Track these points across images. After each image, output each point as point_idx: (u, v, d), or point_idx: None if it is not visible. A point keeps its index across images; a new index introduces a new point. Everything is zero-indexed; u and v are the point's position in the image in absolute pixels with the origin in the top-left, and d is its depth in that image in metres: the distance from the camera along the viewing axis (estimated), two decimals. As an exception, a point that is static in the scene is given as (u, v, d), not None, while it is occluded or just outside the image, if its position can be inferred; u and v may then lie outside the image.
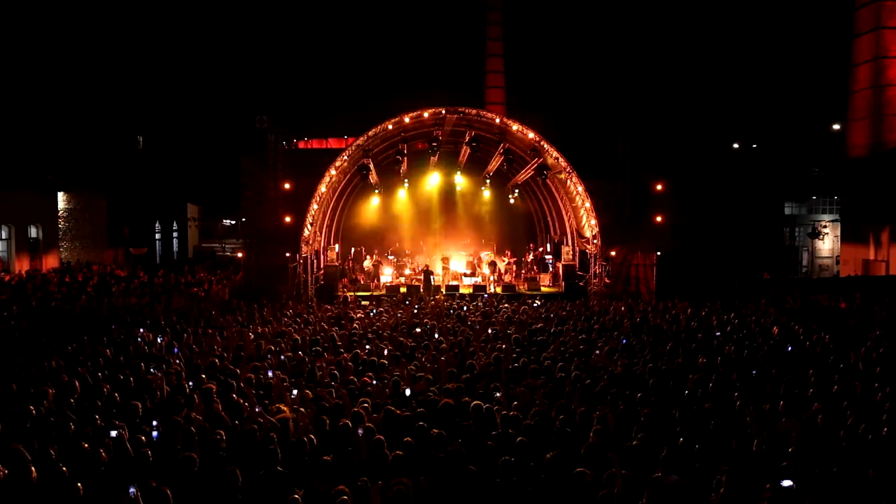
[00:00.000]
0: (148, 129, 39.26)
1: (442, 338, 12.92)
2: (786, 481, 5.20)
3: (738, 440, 6.41)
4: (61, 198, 30.43)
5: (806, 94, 39.82)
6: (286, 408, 7.62)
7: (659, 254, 23.42)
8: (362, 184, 24.89)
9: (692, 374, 9.17)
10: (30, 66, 29.95)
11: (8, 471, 5.33)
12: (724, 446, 6.49)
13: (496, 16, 45.83)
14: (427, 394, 8.48)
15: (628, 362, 10.32)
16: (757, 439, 6.52)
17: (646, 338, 12.98)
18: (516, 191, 26.59)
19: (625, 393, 8.35)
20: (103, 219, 32.74)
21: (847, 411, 7.34)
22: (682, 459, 6.13)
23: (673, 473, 5.71)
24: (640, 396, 8.30)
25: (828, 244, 37.40)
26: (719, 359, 10.47)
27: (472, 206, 27.69)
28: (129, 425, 6.84)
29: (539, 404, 7.86)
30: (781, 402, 7.42)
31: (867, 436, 6.41)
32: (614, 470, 5.46)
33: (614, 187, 24.21)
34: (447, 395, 8.32)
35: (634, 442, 6.41)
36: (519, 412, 7.50)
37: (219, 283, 24.34)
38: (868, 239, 31.26)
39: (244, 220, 24.88)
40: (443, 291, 23.09)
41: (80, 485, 5.21)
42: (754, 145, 43.32)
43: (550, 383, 9.07)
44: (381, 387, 8.91)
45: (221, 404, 7.55)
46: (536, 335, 13.24)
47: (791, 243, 38.81)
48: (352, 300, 21.13)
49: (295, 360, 10.76)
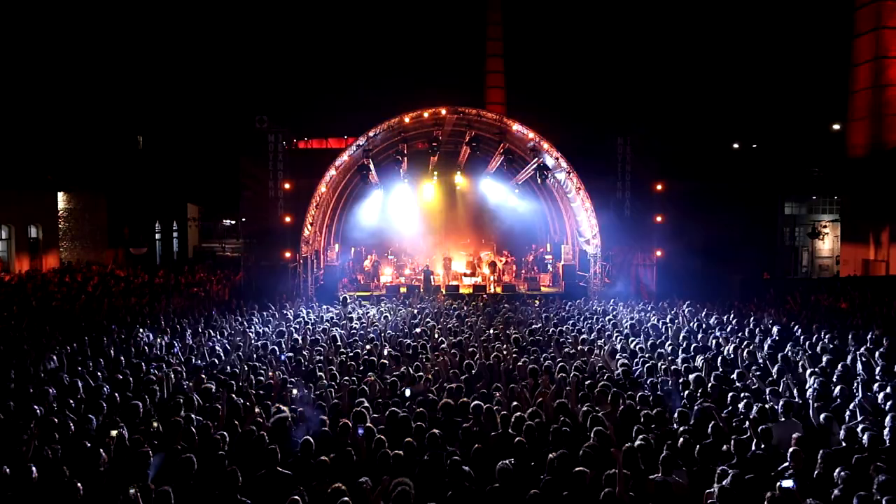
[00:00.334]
0: (148, 129, 39.25)
1: (442, 338, 12.92)
2: (786, 481, 5.20)
3: (738, 440, 6.40)
4: (61, 198, 30.44)
5: (806, 94, 39.85)
6: (286, 408, 7.62)
7: (659, 254, 23.40)
8: (362, 184, 24.88)
9: (692, 375, 9.17)
10: (30, 66, 29.96)
11: (9, 471, 5.34)
12: (724, 446, 6.50)
13: (496, 16, 45.88)
14: (427, 394, 8.49)
15: (628, 362, 10.31)
16: (757, 439, 6.52)
17: (646, 338, 12.98)
18: (516, 191, 26.58)
19: (625, 393, 8.35)
20: (103, 219, 32.76)
21: (847, 411, 7.34)
22: (682, 459, 6.14)
23: (673, 473, 5.71)
24: (640, 396, 8.30)
25: (828, 244, 37.38)
26: (719, 359, 10.48)
27: (472, 206, 27.69)
28: (129, 425, 6.85)
29: (539, 404, 7.86)
30: (781, 402, 7.42)
31: (867, 436, 6.41)
32: (615, 470, 5.46)
33: (614, 187, 24.20)
34: (447, 395, 8.32)
35: (635, 442, 6.41)
36: (519, 412, 7.51)
37: (219, 283, 24.34)
38: (868, 239, 31.26)
39: (244, 220, 24.84)
40: (443, 291, 23.09)
41: (80, 485, 5.22)
42: (754, 145, 43.32)
43: (551, 383, 9.07)
44: (382, 387, 8.91)
45: (221, 404, 7.55)
46: (536, 335, 13.24)
47: (791, 243, 38.79)
48: (351, 300, 21.13)
49: (295, 360, 10.77)
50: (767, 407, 7.51)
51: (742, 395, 8.15)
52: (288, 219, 22.27)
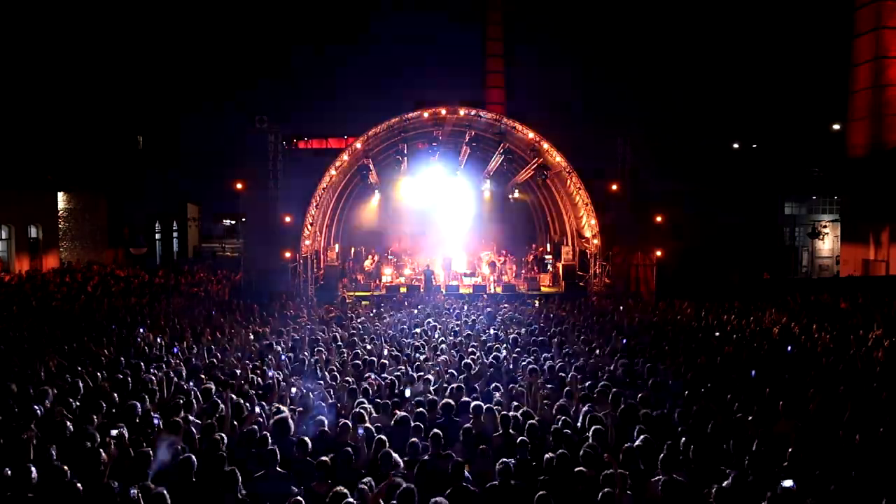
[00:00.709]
0: (148, 129, 39.23)
1: (442, 338, 12.92)
2: (786, 481, 5.20)
3: (738, 441, 6.40)
4: (61, 198, 30.43)
5: (806, 94, 39.82)
6: (286, 408, 7.62)
7: (659, 254, 23.40)
8: (362, 184, 24.88)
9: (692, 374, 9.17)
10: (30, 66, 29.93)
11: (9, 471, 5.33)
12: (724, 447, 6.49)
13: (496, 16, 45.88)
14: (427, 394, 8.48)
15: (628, 362, 10.31)
16: (756, 439, 6.51)
17: (646, 338, 12.98)
18: (516, 191, 26.58)
19: (625, 393, 8.35)
20: (103, 219, 32.75)
21: (847, 411, 7.34)
22: (682, 459, 6.14)
23: (673, 473, 5.70)
24: (640, 396, 8.30)
25: (828, 244, 37.38)
26: (719, 359, 10.47)
27: (472, 206, 27.66)
28: (129, 425, 6.84)
29: (539, 404, 7.86)
30: (781, 402, 7.42)
31: (867, 436, 6.41)
32: (612, 471, 5.45)
33: (614, 187, 24.20)
34: (447, 395, 8.32)
35: (635, 442, 6.41)
36: (519, 412, 7.51)
37: (219, 283, 24.34)
38: (868, 239, 31.26)
39: (244, 220, 24.83)
40: (443, 291, 23.09)
41: (80, 485, 5.21)
42: (754, 145, 43.31)
43: (550, 383, 9.07)
44: (382, 387, 8.91)
45: (221, 404, 7.55)
46: (536, 335, 13.24)
47: (791, 243, 38.79)
48: (351, 300, 21.13)
49: (295, 360, 10.76)
50: (767, 407, 7.51)
51: (742, 395, 8.15)
52: (288, 219, 22.26)
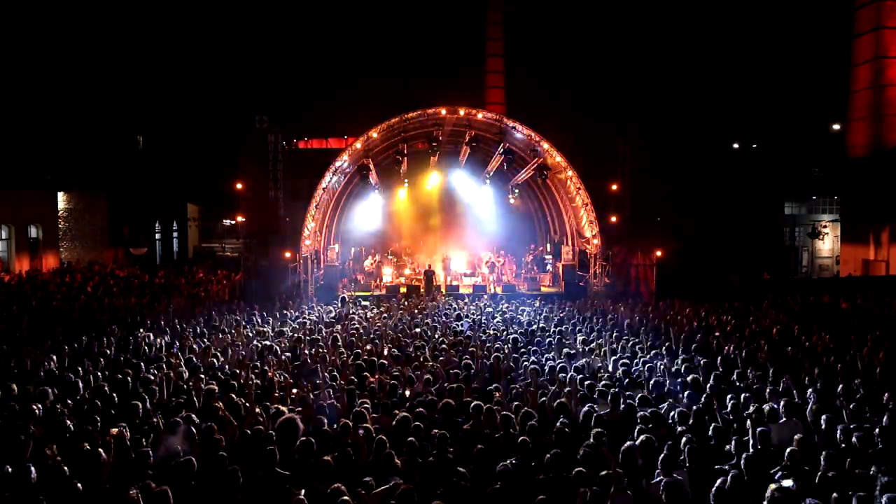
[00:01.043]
0: (148, 129, 39.22)
1: (442, 338, 12.92)
2: (786, 481, 5.20)
3: (738, 441, 6.40)
4: (61, 198, 30.42)
5: (806, 94, 39.79)
6: (286, 408, 7.62)
7: (659, 254, 23.40)
8: (362, 184, 24.88)
9: (693, 374, 9.16)
10: (30, 66, 29.93)
11: (10, 470, 5.33)
12: (724, 446, 6.49)
13: (496, 16, 45.86)
14: (427, 394, 8.48)
15: (628, 362, 10.31)
16: (757, 439, 6.51)
17: (646, 338, 12.98)
18: (516, 191, 26.58)
19: (625, 393, 8.35)
20: (103, 219, 32.73)
21: (847, 411, 7.34)
22: (682, 459, 6.13)
23: (673, 473, 5.70)
24: (640, 396, 8.29)
25: (828, 244, 37.38)
26: (719, 359, 10.48)
27: (472, 206, 27.67)
28: (129, 425, 6.84)
29: (539, 404, 7.86)
30: (781, 402, 7.42)
31: (867, 436, 6.40)
32: (611, 471, 5.45)
33: (614, 187, 24.20)
34: (447, 395, 8.32)
35: (635, 442, 6.41)
36: (519, 412, 7.51)
37: (219, 283, 24.34)
38: (868, 239, 31.26)
39: (244, 220, 24.84)
40: (443, 291, 23.10)
41: (80, 485, 5.21)
42: (754, 145, 43.30)
43: (550, 383, 9.06)
44: (382, 387, 8.90)
45: (221, 404, 7.55)
46: (536, 335, 13.24)
47: (791, 243, 38.80)
48: (351, 300, 21.13)
49: (295, 360, 10.76)
50: (767, 407, 7.51)
51: (742, 395, 8.15)
52: (288, 219, 22.27)
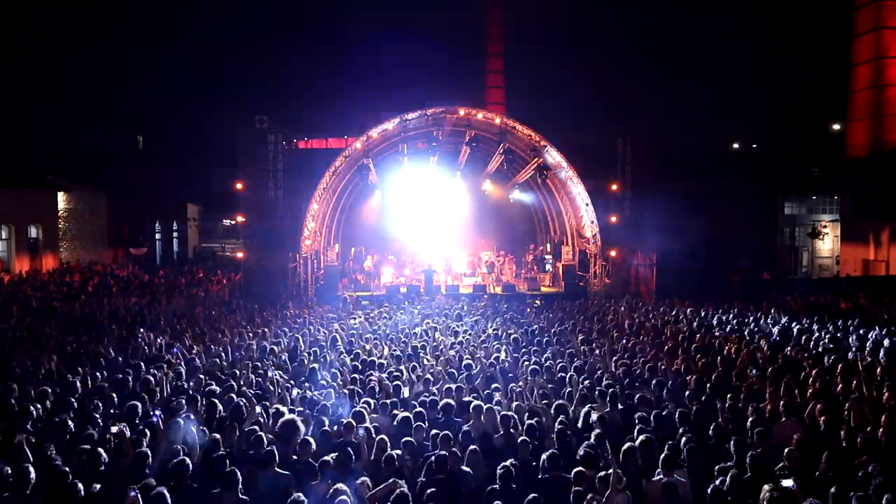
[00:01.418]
0: (148, 129, 39.28)
1: (442, 338, 12.92)
2: (786, 481, 5.19)
3: (738, 440, 6.40)
4: (61, 198, 30.43)
5: (806, 94, 39.82)
6: (286, 408, 7.62)
7: (659, 254, 23.39)
8: (362, 184, 24.88)
9: (692, 374, 9.16)
10: (31, 66, 29.98)
11: (9, 470, 5.34)
12: (724, 446, 6.49)
13: (496, 16, 45.90)
14: (427, 394, 8.48)
15: (628, 362, 10.30)
16: (757, 439, 6.51)
17: (646, 338, 12.97)
18: (516, 191, 26.58)
19: (625, 393, 8.34)
20: (103, 219, 32.74)
21: (847, 411, 7.33)
22: (682, 459, 6.13)
23: (673, 473, 5.70)
24: (639, 396, 8.29)
25: (828, 244, 37.35)
26: (719, 359, 10.47)
27: (472, 206, 27.65)
28: (129, 425, 6.84)
29: (539, 404, 7.85)
30: (781, 402, 7.41)
31: (868, 436, 6.40)
32: (612, 471, 5.45)
33: (614, 187, 24.19)
34: (447, 395, 8.32)
35: (635, 442, 6.40)
36: (519, 412, 7.50)
37: (219, 283, 24.34)
38: (868, 239, 31.26)
39: (244, 220, 24.84)
40: (443, 291, 23.09)
41: (81, 485, 5.21)
42: (754, 145, 43.33)
43: (550, 383, 9.06)
44: (382, 387, 8.90)
45: (221, 404, 7.54)
46: (536, 335, 13.24)
47: (791, 243, 38.78)
48: (351, 300, 21.12)
49: (295, 360, 10.76)
50: (767, 407, 7.50)
51: (742, 395, 8.14)
52: (288, 219, 22.26)
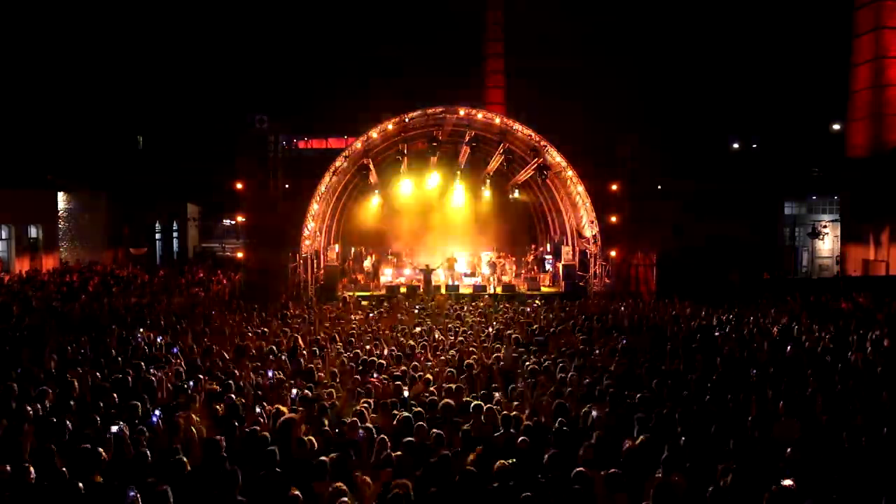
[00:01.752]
0: (148, 129, 39.24)
1: (442, 338, 12.92)
2: (786, 481, 5.19)
3: (738, 440, 6.40)
4: (61, 198, 30.42)
5: (806, 94, 39.76)
6: (286, 408, 7.62)
7: (659, 254, 23.40)
8: (362, 184, 24.88)
9: (692, 374, 9.16)
10: (30, 65, 29.94)
11: (9, 469, 5.33)
12: (724, 446, 6.49)
13: (496, 16, 45.86)
14: (427, 394, 8.48)
15: (628, 362, 10.31)
16: (757, 439, 6.51)
17: (646, 338, 12.98)
18: (516, 191, 26.58)
19: (625, 393, 8.34)
20: (103, 219, 32.72)
21: (847, 411, 7.34)
22: (682, 459, 6.13)
23: (674, 473, 5.70)
24: (639, 396, 8.29)
25: (828, 244, 37.35)
26: (719, 359, 10.47)
27: (472, 206, 27.63)
28: (129, 425, 6.84)
29: (539, 404, 7.85)
30: (781, 402, 7.42)
31: (867, 436, 6.41)
32: (612, 471, 5.45)
33: (614, 187, 24.19)
34: (447, 396, 8.32)
35: (635, 442, 6.40)
36: (519, 412, 7.50)
37: (219, 283, 24.35)
38: (868, 239, 31.25)
39: (244, 220, 24.84)
40: (443, 291, 23.10)
41: (81, 485, 5.21)
42: (754, 145, 43.30)
43: (550, 383, 9.06)
44: (382, 387, 8.90)
45: (221, 404, 7.55)
46: (536, 335, 13.24)
47: (791, 243, 38.78)
48: (351, 300, 21.12)
49: (295, 360, 10.76)
50: (767, 407, 7.51)
51: (742, 394, 8.14)
52: (288, 219, 22.27)
